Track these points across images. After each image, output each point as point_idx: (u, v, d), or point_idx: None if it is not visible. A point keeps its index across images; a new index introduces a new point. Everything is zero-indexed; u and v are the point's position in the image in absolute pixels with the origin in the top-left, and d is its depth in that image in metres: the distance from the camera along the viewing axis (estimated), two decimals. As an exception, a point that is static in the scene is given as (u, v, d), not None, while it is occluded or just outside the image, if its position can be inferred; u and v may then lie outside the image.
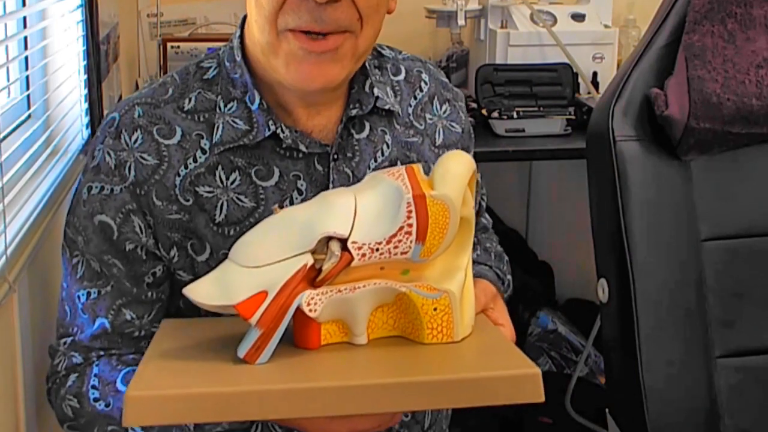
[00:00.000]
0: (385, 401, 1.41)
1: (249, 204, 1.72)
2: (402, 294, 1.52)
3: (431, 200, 1.46)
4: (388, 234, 1.45)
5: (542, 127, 3.32)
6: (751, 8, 2.11)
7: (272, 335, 1.44)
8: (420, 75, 1.94)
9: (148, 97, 1.76)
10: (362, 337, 1.53)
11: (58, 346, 1.78)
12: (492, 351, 1.55)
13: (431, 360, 1.50)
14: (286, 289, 1.42)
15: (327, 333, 1.52)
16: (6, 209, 1.85)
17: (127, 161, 1.69)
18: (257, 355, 1.44)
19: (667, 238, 2.10)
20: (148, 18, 3.86)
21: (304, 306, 1.44)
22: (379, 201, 1.48)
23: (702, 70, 2.08)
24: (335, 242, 1.44)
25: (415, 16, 3.92)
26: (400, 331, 1.56)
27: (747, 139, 2.13)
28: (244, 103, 1.73)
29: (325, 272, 1.44)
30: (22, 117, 2.30)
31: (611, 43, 3.68)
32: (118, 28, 3.08)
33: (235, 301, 1.41)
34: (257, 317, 1.42)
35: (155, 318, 1.79)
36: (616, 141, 2.11)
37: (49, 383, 1.80)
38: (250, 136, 1.71)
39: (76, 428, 1.75)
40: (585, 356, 3.69)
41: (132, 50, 3.79)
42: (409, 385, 1.42)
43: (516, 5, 3.67)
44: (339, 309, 1.49)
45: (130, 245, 1.72)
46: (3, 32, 2.02)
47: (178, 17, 3.90)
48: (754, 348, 2.12)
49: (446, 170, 1.51)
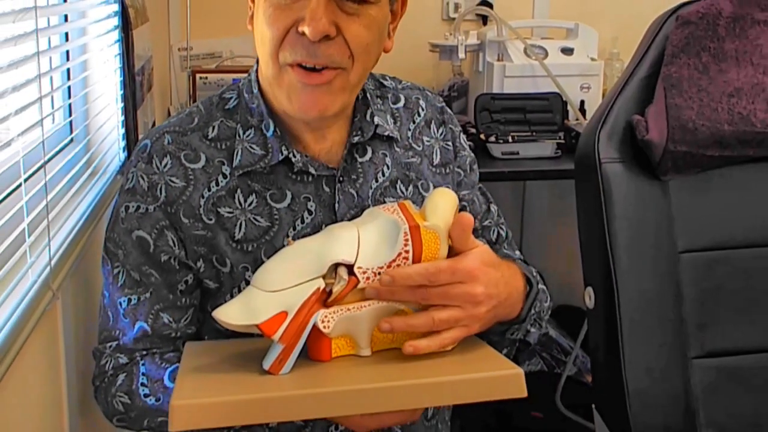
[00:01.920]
0: (393, 400, 1.45)
1: (264, 224, 1.74)
2: (401, 311, 1.55)
3: (424, 230, 1.51)
4: (389, 259, 1.50)
5: (535, 150, 3.33)
6: (723, 43, 2.11)
7: (293, 349, 1.48)
8: (418, 101, 1.95)
9: (176, 126, 1.78)
10: (366, 350, 1.57)
11: (103, 348, 1.79)
12: (478, 357, 1.58)
13: (428, 366, 1.53)
14: (303, 310, 1.47)
15: (337, 347, 1.56)
16: (50, 224, 1.85)
17: (158, 183, 1.71)
18: (281, 366, 1.48)
19: (647, 250, 2.09)
20: (179, 51, 3.87)
21: (319, 323, 1.49)
22: (378, 232, 1.53)
23: (679, 98, 2.08)
24: (343, 268, 1.50)
25: (420, 50, 3.94)
26: (399, 343, 1.58)
27: (719, 161, 2.13)
28: (260, 131, 1.75)
29: (335, 294, 1.49)
30: (65, 141, 2.31)
31: (597, 75, 3.68)
32: (152, 61, 3.08)
33: (259, 321, 1.45)
34: (279, 334, 1.46)
35: (189, 321, 1.81)
36: (601, 163, 2.11)
37: (96, 382, 1.80)
38: (265, 160, 1.73)
39: (126, 421, 1.76)
40: (573, 357, 3.69)
41: (164, 81, 3.80)
42: (412, 387, 1.46)
43: (511, 40, 3.68)
44: (347, 325, 1.53)
45: (164, 257, 1.73)
46: (48, 64, 2.03)
47: (206, 51, 3.91)
48: (725, 349, 2.11)
49: (435, 205, 1.56)
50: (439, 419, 1.93)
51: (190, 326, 1.81)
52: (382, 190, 1.82)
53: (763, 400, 2.13)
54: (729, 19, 2.12)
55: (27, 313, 1.65)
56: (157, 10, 3.64)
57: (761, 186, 2.19)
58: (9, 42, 1.64)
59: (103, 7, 2.48)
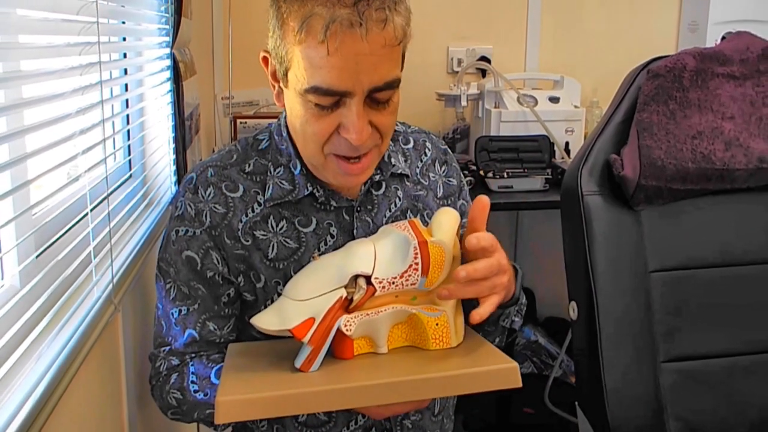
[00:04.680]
0: (407, 392, 1.45)
1: (293, 245, 1.74)
2: (412, 314, 1.56)
3: (431, 244, 1.51)
4: (401, 271, 1.50)
5: (526, 184, 3.33)
6: (688, 93, 2.11)
7: (320, 350, 1.49)
8: (425, 143, 1.96)
9: (217, 161, 1.78)
10: (384, 348, 1.57)
11: (158, 353, 1.80)
12: (479, 352, 1.57)
13: (437, 361, 1.53)
14: (328, 315, 1.47)
15: (358, 346, 1.56)
16: (113, 247, 1.85)
17: (204, 210, 1.72)
18: (310, 365, 1.49)
19: (623, 270, 2.09)
20: (222, 100, 3.88)
21: (342, 327, 1.49)
22: (392, 247, 1.53)
23: (649, 140, 2.08)
24: (362, 279, 1.50)
25: (428, 99, 3.96)
26: (411, 342, 1.60)
27: (684, 194, 2.13)
28: (289, 169, 1.75)
29: (355, 301, 1.49)
30: (125, 176, 2.32)
31: (579, 120, 3.69)
32: (199, 108, 3.09)
33: (291, 326, 1.46)
34: (308, 337, 1.46)
35: (231, 328, 1.81)
36: (583, 195, 2.11)
37: (153, 382, 1.81)
38: (293, 194, 1.73)
39: (179, 414, 1.76)
40: (559, 361, 3.68)
41: (210, 125, 3.81)
42: (424, 380, 1.46)
43: (506, 90, 3.69)
44: (366, 328, 1.53)
45: (210, 273, 1.74)
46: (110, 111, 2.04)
47: (246, 99, 3.92)
48: (689, 355, 2.11)
49: (440, 222, 1.56)
50: (445, 415, 1.93)
51: (232, 333, 1.81)
52: (394, 219, 1.81)
53: (720, 397, 2.12)
54: (692, 72, 2.13)
55: (92, 323, 1.66)
56: (204, 64, 3.66)
57: (719, 215, 2.19)
58: (77, 92, 1.65)
59: (158, 62, 2.49)
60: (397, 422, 1.82)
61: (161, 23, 2.55)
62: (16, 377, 1.39)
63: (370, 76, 1.49)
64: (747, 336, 2.16)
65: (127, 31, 2.16)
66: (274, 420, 1.82)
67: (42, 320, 1.54)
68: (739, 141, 2.12)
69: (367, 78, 1.49)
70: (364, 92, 1.51)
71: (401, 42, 1.53)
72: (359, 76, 1.48)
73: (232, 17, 3.86)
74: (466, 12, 4.11)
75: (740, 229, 2.20)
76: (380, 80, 1.51)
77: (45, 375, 1.43)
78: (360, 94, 1.51)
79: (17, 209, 1.48)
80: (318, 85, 1.50)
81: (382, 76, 1.51)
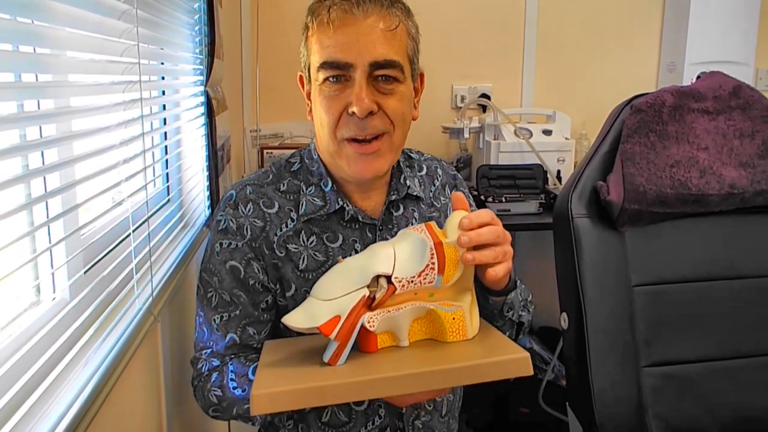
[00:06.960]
0: (429, 382, 1.43)
1: (322, 258, 1.75)
2: (431, 310, 1.55)
3: (446, 246, 1.50)
4: (419, 270, 1.49)
5: (522, 208, 3.32)
6: (667, 126, 2.11)
7: (346, 345, 1.47)
8: (436, 170, 1.98)
9: (255, 180, 1.80)
10: (405, 342, 1.56)
11: (200, 356, 1.79)
12: (494, 343, 1.56)
13: (455, 353, 1.51)
14: (353, 313, 1.46)
15: (381, 341, 1.55)
16: (152, 264, 1.86)
17: (244, 224, 1.73)
18: (337, 359, 1.47)
19: (608, 285, 2.08)
20: (250, 132, 3.89)
21: (366, 323, 1.47)
22: (410, 249, 1.51)
23: (632, 168, 2.08)
24: (383, 278, 1.48)
25: (435, 132, 3.96)
26: (430, 335, 1.58)
27: (663, 216, 2.13)
28: (320, 187, 1.77)
29: (378, 299, 1.48)
30: (163, 201, 2.32)
31: (570, 150, 3.68)
32: (230, 140, 3.10)
33: (318, 324, 1.44)
34: (335, 334, 1.45)
35: (268, 333, 1.81)
36: (573, 218, 2.11)
37: (195, 383, 1.80)
38: (324, 209, 1.75)
39: (219, 411, 1.75)
40: (552, 366, 3.66)
41: (239, 155, 3.81)
42: (444, 371, 1.44)
43: (504, 124, 3.69)
44: (388, 323, 1.52)
45: (251, 281, 1.74)
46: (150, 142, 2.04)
47: (271, 132, 3.93)
48: (668, 360, 2.10)
49: (454, 225, 1.54)
50: (451, 416, 1.92)
51: (268, 337, 1.81)
52: None
53: (696, 398, 2.11)
54: (671, 108, 2.13)
55: (134, 332, 1.66)
56: (234, 100, 3.68)
57: (695, 235, 2.18)
58: (121, 125, 1.66)
59: (193, 98, 2.50)
60: (409, 423, 1.81)
61: (196, 64, 2.56)
62: (65, 381, 1.40)
63: (370, 51, 1.58)
64: (719, 343, 2.15)
65: (165, 71, 2.17)
66: (299, 420, 1.81)
67: (89, 329, 1.55)
68: (712, 169, 2.12)
69: (368, 53, 1.58)
70: (366, 66, 1.59)
71: (397, 28, 1.62)
72: (360, 50, 1.58)
73: (260, 59, 3.88)
74: (468, 54, 4.12)
75: (712, 249, 2.19)
76: (380, 56, 1.59)
77: (91, 379, 1.43)
78: (362, 67, 1.59)
79: (67, 230, 1.49)
80: (326, 59, 1.60)
81: (382, 53, 1.60)
